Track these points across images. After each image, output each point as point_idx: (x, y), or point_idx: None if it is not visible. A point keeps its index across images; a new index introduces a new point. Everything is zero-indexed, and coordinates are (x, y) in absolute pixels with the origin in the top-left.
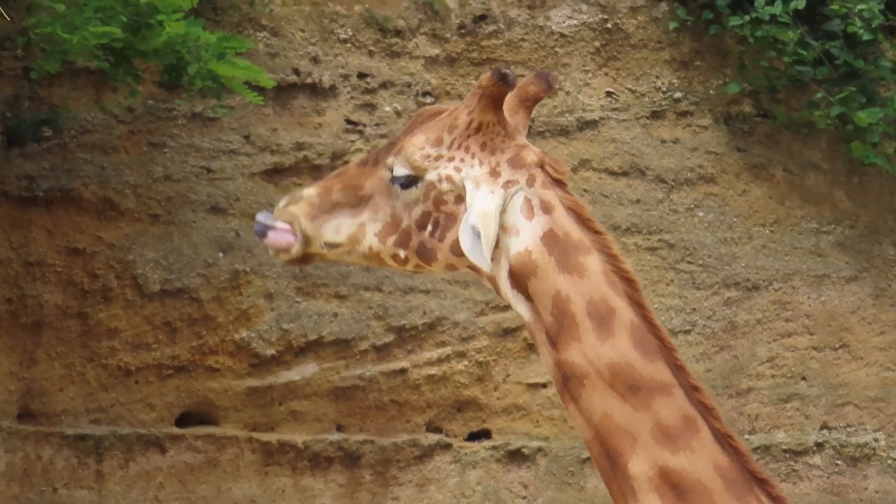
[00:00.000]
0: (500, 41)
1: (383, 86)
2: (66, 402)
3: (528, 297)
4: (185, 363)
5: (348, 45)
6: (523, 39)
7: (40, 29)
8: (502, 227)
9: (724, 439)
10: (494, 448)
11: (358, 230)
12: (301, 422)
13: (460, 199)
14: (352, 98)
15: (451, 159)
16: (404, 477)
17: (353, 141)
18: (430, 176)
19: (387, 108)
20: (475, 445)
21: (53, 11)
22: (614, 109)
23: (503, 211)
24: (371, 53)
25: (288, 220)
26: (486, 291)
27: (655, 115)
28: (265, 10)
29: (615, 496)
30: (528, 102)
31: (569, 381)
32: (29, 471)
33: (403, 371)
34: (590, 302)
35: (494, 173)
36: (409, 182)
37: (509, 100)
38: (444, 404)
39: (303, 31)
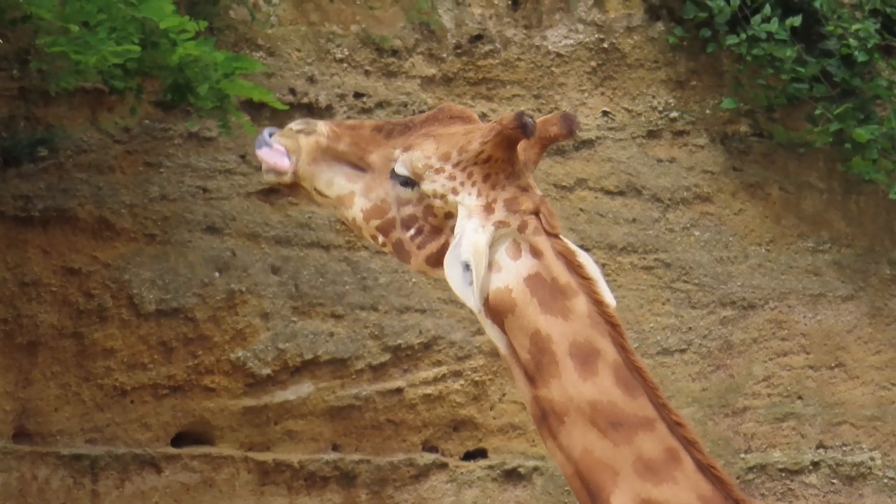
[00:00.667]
0: (497, 61)
1: (379, 105)
2: (62, 421)
3: (506, 332)
4: (180, 383)
5: (344, 64)
6: (519, 59)
7: (54, 48)
8: (489, 262)
9: (707, 469)
10: (490, 467)
11: (348, 196)
12: (297, 441)
13: (450, 215)
14: (348, 117)
15: (451, 178)
16: (400, 496)
17: None
18: (426, 186)
19: None
20: (471, 465)
21: (68, 32)
22: (610, 129)
23: (489, 245)
24: (367, 73)
25: (291, 149)
26: None
27: (652, 134)
28: (265, 28)
29: None
30: (546, 142)
31: (548, 417)
32: (24, 491)
33: (399, 390)
34: (573, 343)
35: (489, 209)
36: (407, 183)
37: (534, 141)
38: (440, 424)
39: (299, 50)
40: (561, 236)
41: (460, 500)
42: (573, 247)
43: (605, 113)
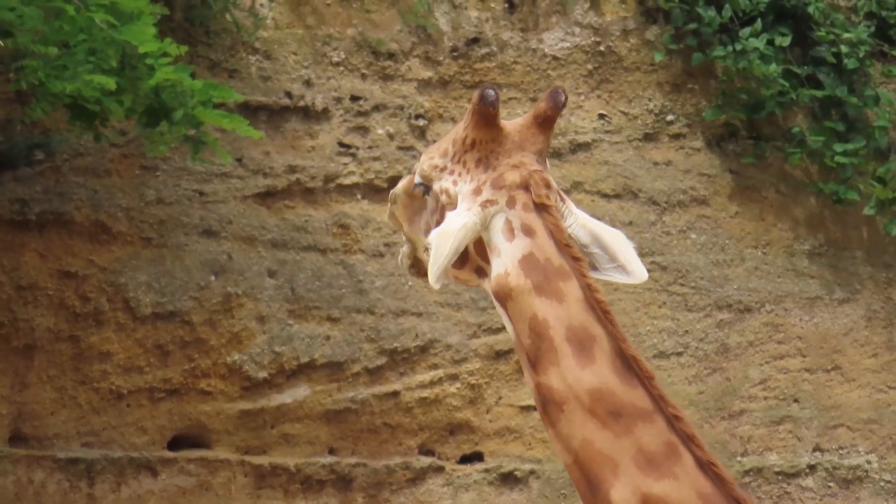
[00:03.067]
0: (493, 64)
1: (376, 108)
2: (58, 425)
3: (511, 319)
4: (176, 386)
5: (341, 68)
6: (516, 62)
7: (32, 76)
8: (489, 247)
9: (707, 466)
10: (487, 471)
11: (416, 238)
12: (293, 445)
13: None
14: (344, 121)
15: (451, 172)
16: (396, 500)
17: (345, 164)
18: (435, 186)
19: (380, 131)
20: (468, 468)
21: (46, 56)
22: (607, 132)
23: (486, 230)
24: (364, 76)
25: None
26: (478, 314)
27: (648, 137)
28: (252, 37)
29: None
30: (541, 121)
31: (548, 405)
32: (20, 494)
33: (396, 394)
34: (569, 328)
35: (477, 191)
36: (425, 190)
37: (527, 115)
38: (437, 427)
39: (295, 54)
40: (555, 209)
41: None
42: (563, 224)
43: (601, 116)
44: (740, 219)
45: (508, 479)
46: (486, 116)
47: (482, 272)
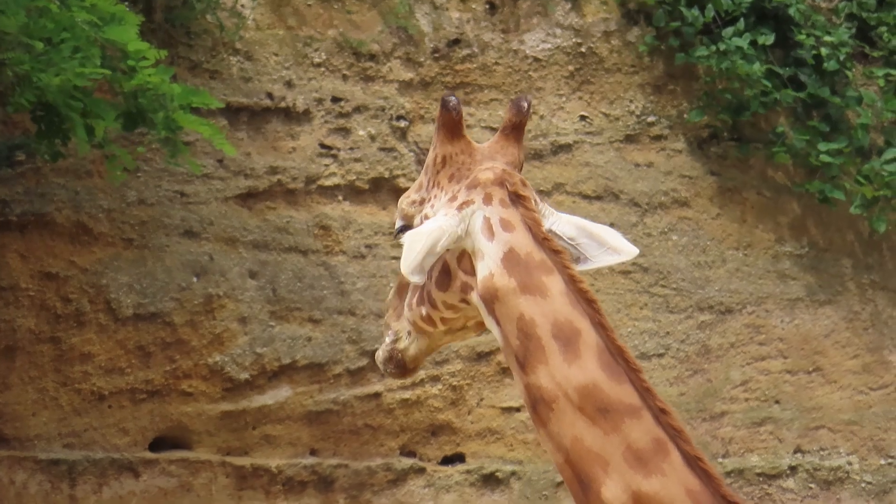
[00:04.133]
0: (474, 65)
1: (357, 110)
2: (39, 426)
3: (498, 322)
4: (158, 387)
5: (322, 69)
6: (497, 63)
7: (18, 68)
8: (473, 252)
9: (694, 462)
10: (468, 472)
11: (407, 311)
12: (275, 446)
13: None
14: (326, 122)
15: (428, 200)
16: (378, 501)
17: (326, 165)
18: (416, 221)
19: (361, 133)
20: (449, 469)
21: (31, 49)
22: (588, 133)
23: (468, 235)
24: (345, 77)
25: (395, 335)
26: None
27: (629, 138)
28: (234, 38)
29: None
30: (509, 131)
31: (538, 406)
32: (2, 495)
33: (377, 395)
34: (554, 323)
35: (453, 198)
36: (406, 230)
37: (498, 136)
38: (418, 428)
39: (277, 55)
40: (531, 202)
41: None
42: (539, 217)
43: (582, 117)
44: (722, 220)
45: (490, 481)
46: (452, 123)
47: (467, 288)
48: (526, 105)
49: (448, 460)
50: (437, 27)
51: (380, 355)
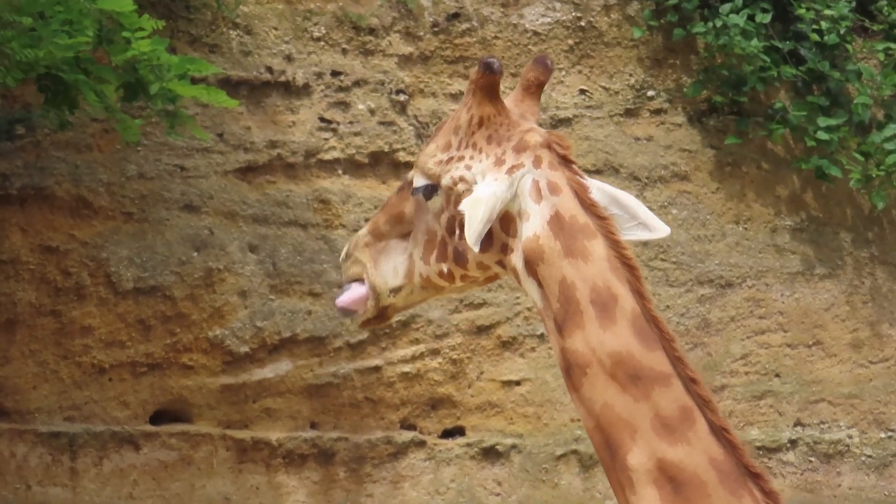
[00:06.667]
0: (474, 39)
1: (357, 84)
2: (40, 399)
3: (540, 284)
4: (158, 361)
5: (322, 43)
6: (497, 37)
7: (5, 46)
8: (518, 214)
9: (719, 432)
10: (468, 445)
11: (410, 263)
12: (275, 419)
13: None
14: (325, 96)
15: (461, 159)
16: (378, 474)
17: (326, 139)
18: (445, 180)
19: (360, 107)
20: (449, 443)
21: (20, 25)
22: (588, 107)
23: (515, 197)
24: (344, 51)
25: (357, 273)
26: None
27: (629, 112)
28: (233, 13)
29: (614, 487)
30: (532, 89)
31: (571, 370)
32: (2, 468)
33: (377, 368)
34: (593, 288)
35: (500, 162)
36: (430, 191)
37: (516, 90)
38: (419, 402)
39: (276, 29)
40: (578, 167)
41: (438, 478)
42: (586, 182)
43: (582, 91)
44: (721, 194)
45: (490, 454)
46: (492, 87)
47: (507, 249)
48: (550, 62)
49: (448, 434)
50: (437, 1)
51: (344, 301)
